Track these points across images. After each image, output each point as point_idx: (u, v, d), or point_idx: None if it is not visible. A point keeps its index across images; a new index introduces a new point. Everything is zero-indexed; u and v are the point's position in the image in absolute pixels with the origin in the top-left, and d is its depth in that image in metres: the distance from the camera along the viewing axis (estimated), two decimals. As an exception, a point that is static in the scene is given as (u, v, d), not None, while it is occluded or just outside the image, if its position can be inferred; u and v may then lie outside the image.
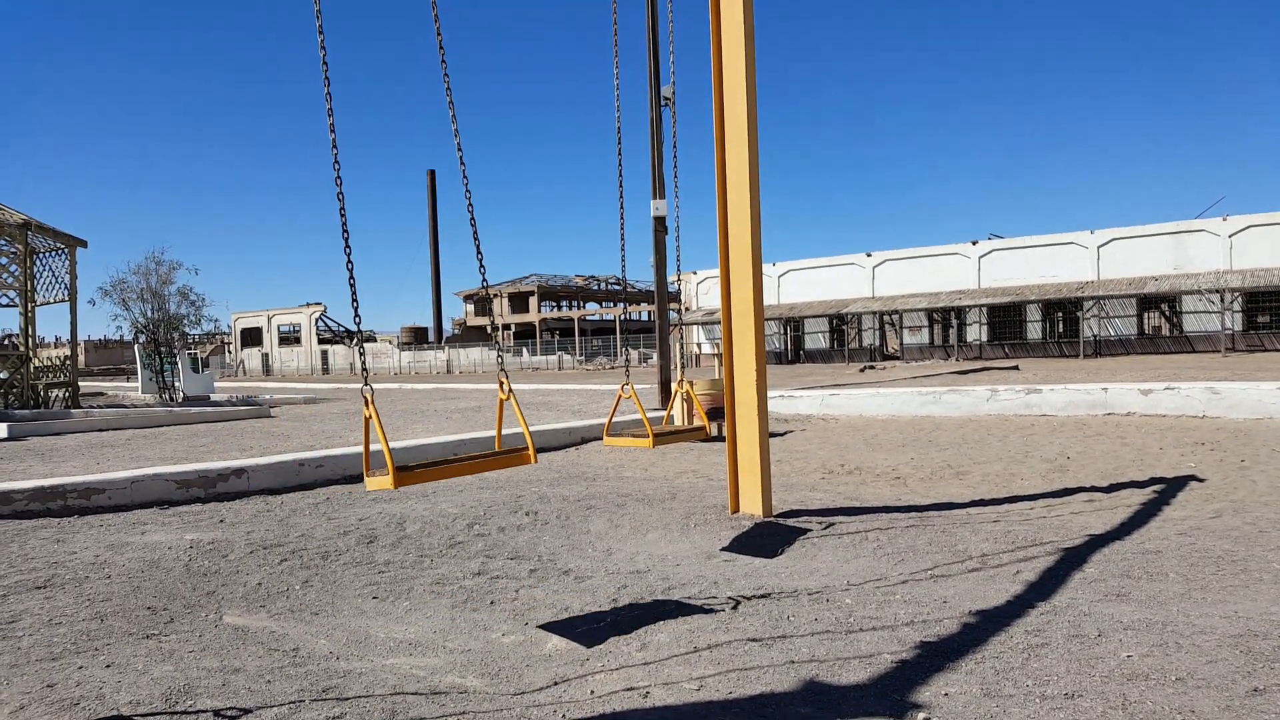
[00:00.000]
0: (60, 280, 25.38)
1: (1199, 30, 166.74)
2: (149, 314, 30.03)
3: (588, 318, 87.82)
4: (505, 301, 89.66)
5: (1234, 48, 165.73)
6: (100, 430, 18.48)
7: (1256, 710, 3.37)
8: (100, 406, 25.94)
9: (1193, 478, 8.69)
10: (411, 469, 4.84)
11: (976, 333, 51.59)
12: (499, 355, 6.38)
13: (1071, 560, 5.74)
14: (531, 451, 5.33)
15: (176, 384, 30.29)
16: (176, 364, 30.70)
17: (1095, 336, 47.62)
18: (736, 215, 7.51)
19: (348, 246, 4.98)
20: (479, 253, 5.61)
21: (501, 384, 5.41)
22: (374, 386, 4.89)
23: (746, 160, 7.38)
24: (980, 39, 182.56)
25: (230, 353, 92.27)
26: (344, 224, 4.92)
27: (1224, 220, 44.55)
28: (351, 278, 4.99)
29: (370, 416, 4.70)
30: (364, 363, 5.02)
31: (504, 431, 6.23)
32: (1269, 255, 43.15)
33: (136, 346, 32.27)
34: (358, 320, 4.91)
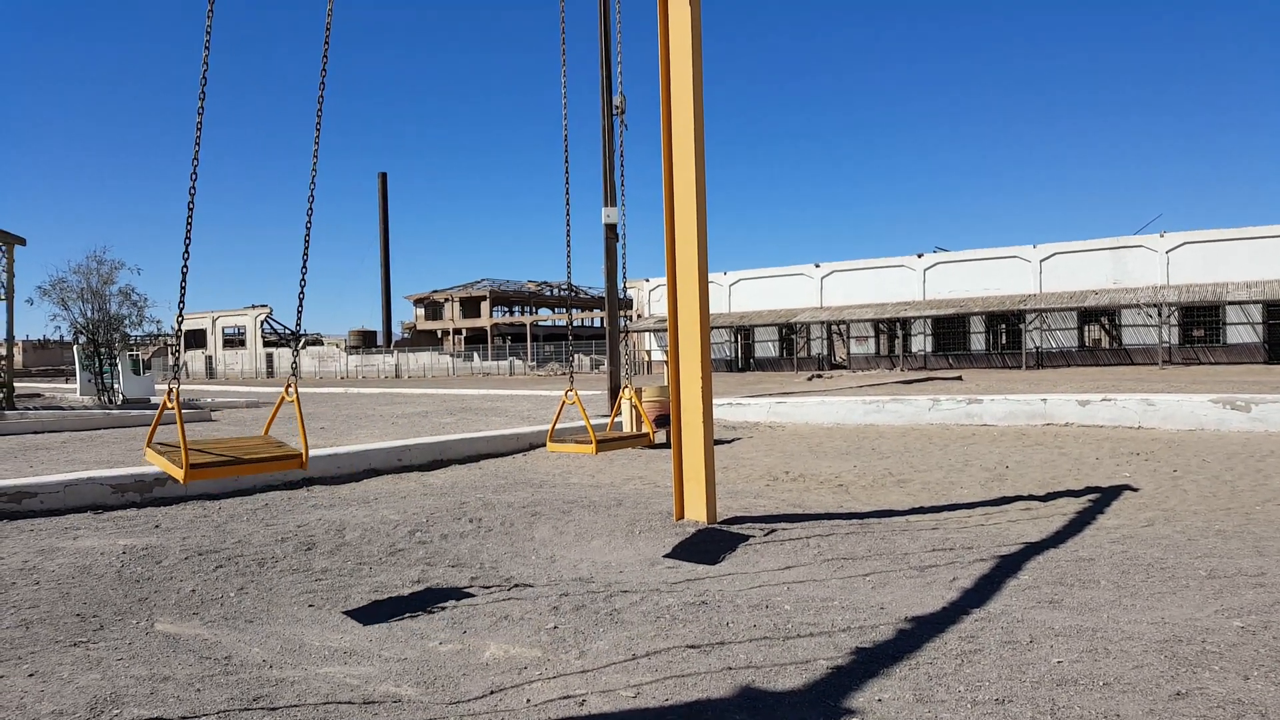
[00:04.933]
0: (-5, 279, 24.67)
1: (1137, 54, 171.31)
2: (89, 314, 29.23)
3: (540, 323, 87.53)
4: (456, 306, 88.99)
5: (1172, 75, 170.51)
6: (35, 432, 17.97)
7: (1178, 714, 3.46)
8: (36, 408, 25.23)
9: (1127, 487, 8.90)
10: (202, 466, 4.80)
11: (921, 343, 52.37)
12: (294, 362, 5.96)
13: (1007, 567, 5.84)
14: (305, 457, 5.14)
15: (116, 386, 29.58)
16: (116, 366, 29.97)
17: (1037, 348, 48.60)
18: (683, 226, 7.55)
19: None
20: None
21: (288, 386, 5.23)
22: (319, 391, 4.82)
23: (694, 172, 7.42)
24: (926, 59, 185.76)
25: (173, 354, 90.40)
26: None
27: (1161, 236, 45.77)
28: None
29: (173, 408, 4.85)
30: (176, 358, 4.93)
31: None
32: (1203, 271, 44.43)
33: (75, 347, 31.43)
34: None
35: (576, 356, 68.32)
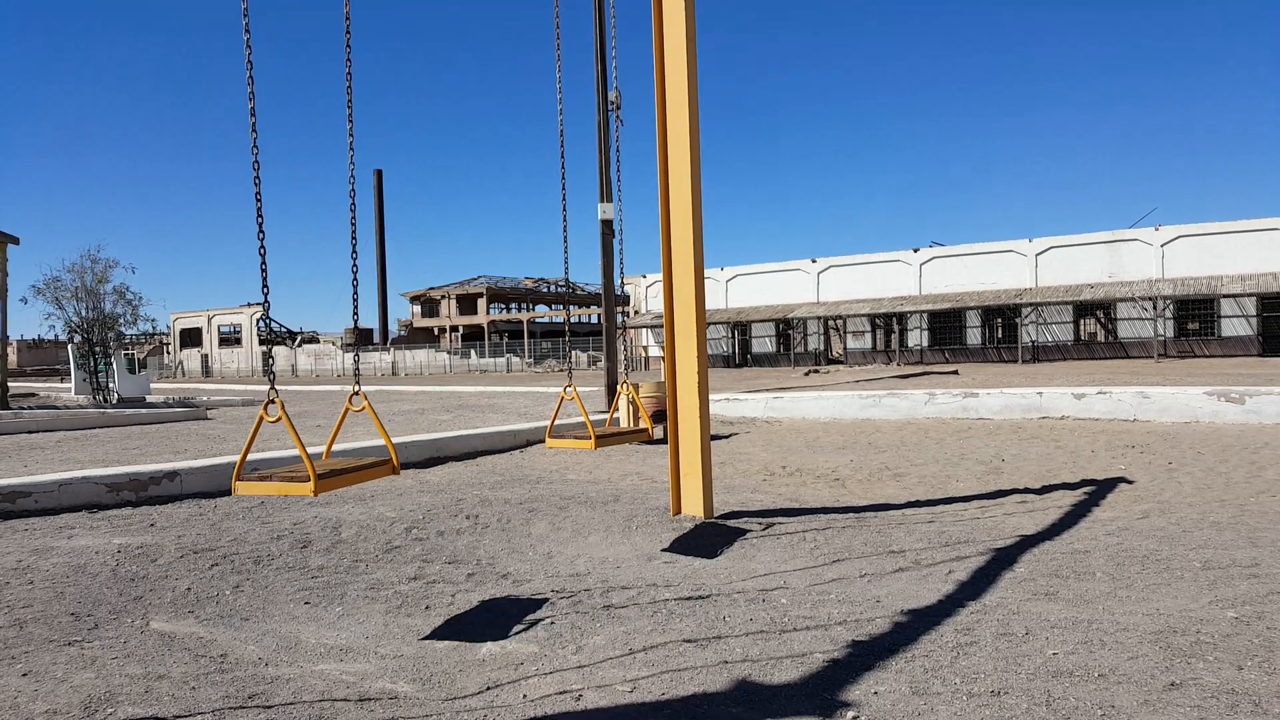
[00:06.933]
0: (-11, 278, 24.59)
1: (1132, 47, 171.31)
2: (83, 313, 29.17)
3: (537, 320, 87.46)
4: (453, 303, 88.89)
5: (1166, 68, 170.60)
6: (30, 432, 17.94)
7: (1173, 704, 3.47)
8: (31, 407, 25.17)
9: (1122, 479, 8.91)
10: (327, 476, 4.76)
11: (918, 338, 52.40)
12: (356, 363, 6.08)
13: (1003, 560, 5.85)
14: (395, 462, 5.30)
15: (111, 385, 29.52)
16: (111, 365, 29.90)
17: (1033, 342, 48.64)
18: (679, 221, 7.54)
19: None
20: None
21: (351, 397, 5.35)
22: (316, 389, 4.81)
23: (689, 167, 7.41)
24: (922, 54, 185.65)
25: (169, 354, 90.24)
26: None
27: (1156, 230, 45.82)
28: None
29: (279, 420, 4.64)
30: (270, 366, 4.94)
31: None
32: (1198, 264, 44.49)
33: (70, 347, 31.34)
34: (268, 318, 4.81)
35: (574, 353, 68.29)
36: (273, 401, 4.71)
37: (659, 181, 7.61)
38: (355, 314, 5.80)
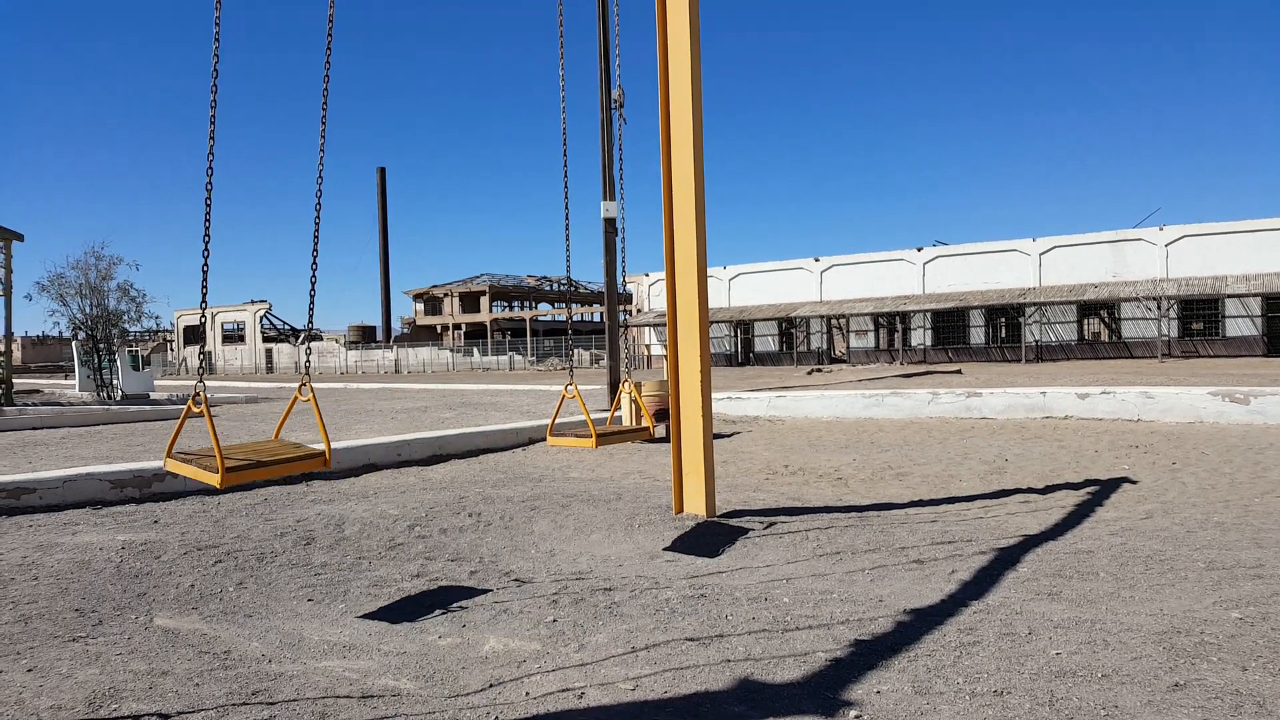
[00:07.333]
0: (-7, 275, 24.64)
1: (1136, 47, 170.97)
2: (87, 310, 29.19)
3: (539, 318, 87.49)
4: (456, 301, 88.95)
5: (1171, 68, 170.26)
6: (34, 428, 17.97)
7: (1177, 705, 3.46)
8: (35, 404, 25.23)
9: (1126, 479, 8.90)
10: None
11: (921, 337, 52.35)
12: (306, 356, 6.14)
13: (1006, 560, 5.85)
14: (328, 455, 5.32)
15: (115, 382, 29.56)
16: (115, 362, 29.94)
17: (1037, 342, 48.59)
18: (682, 219, 7.54)
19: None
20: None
21: (301, 386, 5.43)
22: (318, 386, 4.84)
23: (692, 166, 7.41)
24: (925, 53, 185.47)
25: (172, 350, 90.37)
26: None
27: (1160, 230, 45.74)
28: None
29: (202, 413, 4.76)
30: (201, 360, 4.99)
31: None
32: (1202, 264, 44.42)
33: (74, 343, 31.38)
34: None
35: (576, 351, 68.35)
36: (197, 395, 4.87)
37: (662, 180, 7.61)
38: (311, 307, 5.74)
